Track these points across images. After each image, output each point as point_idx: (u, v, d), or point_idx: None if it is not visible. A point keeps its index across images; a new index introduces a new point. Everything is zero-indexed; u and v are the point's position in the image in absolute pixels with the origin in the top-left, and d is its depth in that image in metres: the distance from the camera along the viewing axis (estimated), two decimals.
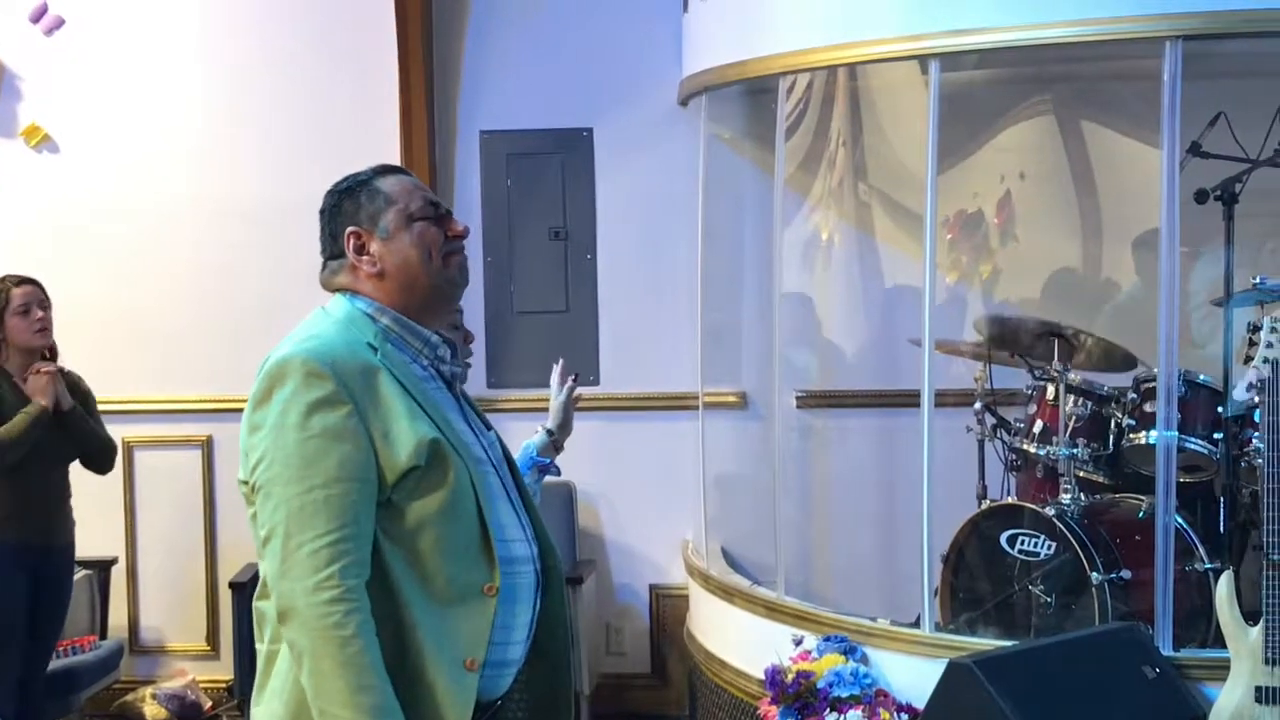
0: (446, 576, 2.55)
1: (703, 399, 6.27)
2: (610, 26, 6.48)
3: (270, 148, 6.45)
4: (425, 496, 2.54)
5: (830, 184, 6.41)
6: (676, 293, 6.38)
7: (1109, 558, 4.95)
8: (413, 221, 2.65)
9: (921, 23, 4.94)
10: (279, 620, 2.51)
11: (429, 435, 2.53)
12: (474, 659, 2.56)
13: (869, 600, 5.68)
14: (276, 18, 6.52)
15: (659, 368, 6.50)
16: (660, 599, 6.62)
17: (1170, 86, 4.60)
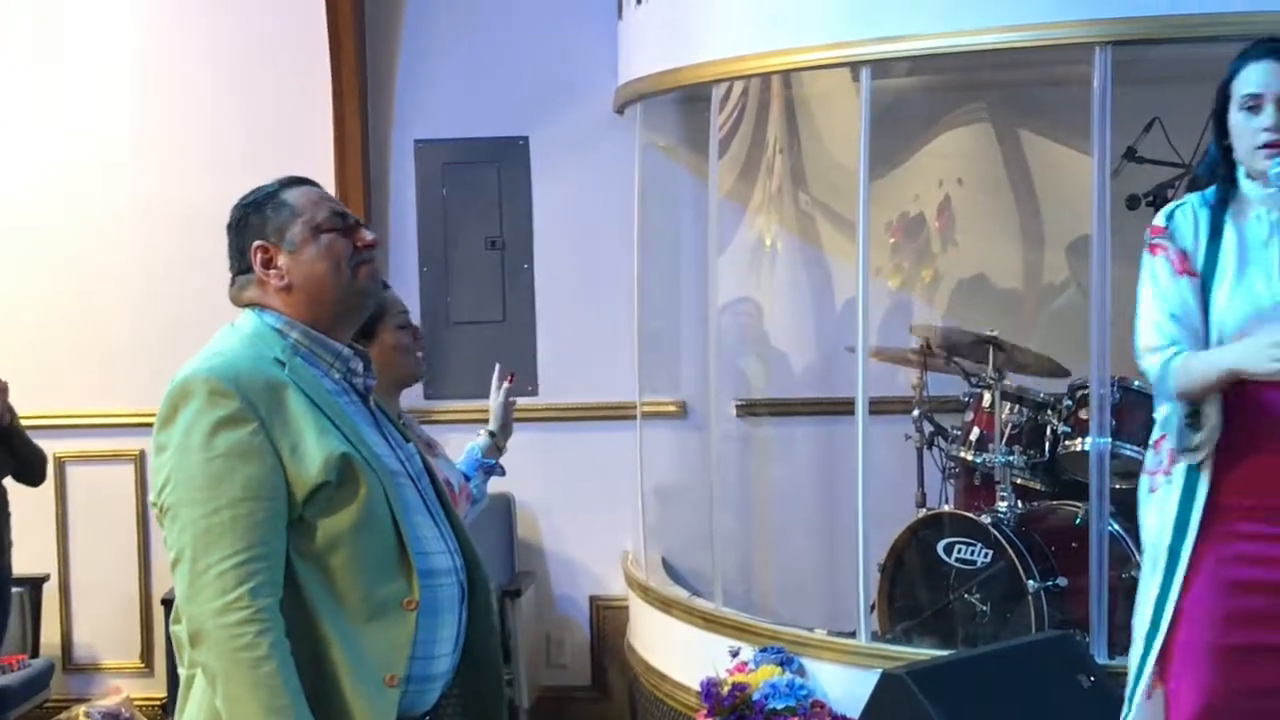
0: (362, 592, 2.53)
1: (641, 409, 6.26)
2: (545, 34, 6.47)
3: (204, 159, 6.40)
4: (337, 512, 2.52)
5: (769, 191, 6.41)
6: (615, 301, 6.37)
7: (1045, 565, 4.97)
8: (320, 233, 2.63)
9: (852, 30, 4.94)
10: (190, 644, 2.50)
11: (339, 450, 2.51)
12: (394, 675, 2.54)
13: (809, 610, 5.68)
14: (208, 27, 6.49)
15: (598, 377, 6.49)
16: (601, 610, 6.60)
17: (1100, 92, 4.62)
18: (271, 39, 6.46)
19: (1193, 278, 3.38)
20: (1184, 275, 3.38)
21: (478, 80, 6.49)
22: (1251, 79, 3.30)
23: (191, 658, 2.52)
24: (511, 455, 5.99)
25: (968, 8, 4.72)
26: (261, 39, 6.47)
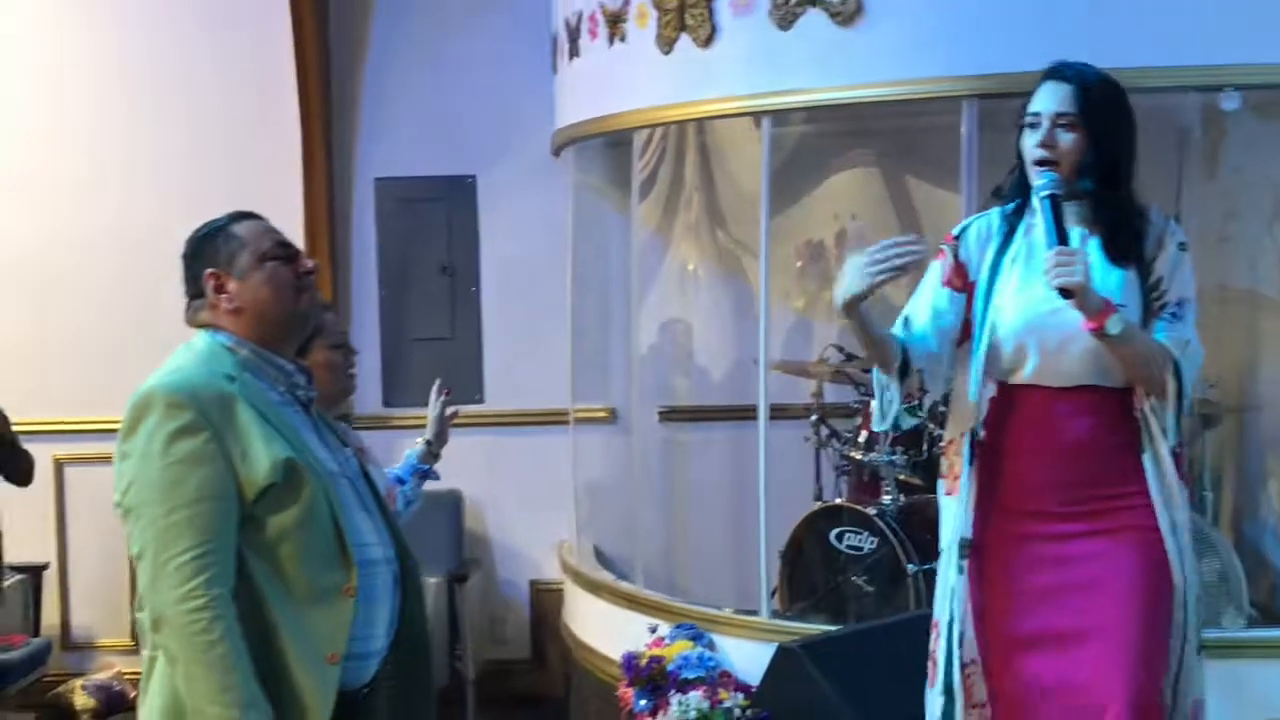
0: (307, 581, 2.55)
1: (574, 415, 6.26)
2: (492, 84, 6.49)
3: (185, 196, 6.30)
4: (283, 510, 2.53)
5: (688, 223, 6.42)
6: (552, 320, 6.36)
7: (923, 551, 4.98)
8: (265, 261, 2.65)
9: (755, 83, 4.97)
10: (152, 629, 2.53)
11: (284, 455, 2.52)
12: (335, 653, 2.55)
13: (720, 591, 5.69)
14: (185, 75, 6.44)
15: (537, 387, 6.49)
16: (539, 593, 6.60)
17: (968, 140, 4.66)
18: (245, 84, 6.43)
19: (957, 292, 3.18)
20: (947, 287, 3.19)
21: (431, 125, 6.50)
22: (1035, 99, 3.10)
23: (154, 641, 2.56)
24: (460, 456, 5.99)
25: (853, 65, 4.75)
26: (236, 85, 6.43)
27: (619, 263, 6.14)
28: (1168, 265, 3.05)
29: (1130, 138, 3.10)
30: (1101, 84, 3.08)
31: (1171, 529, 3.03)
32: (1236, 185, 5.36)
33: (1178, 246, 3.07)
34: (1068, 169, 3.03)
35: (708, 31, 5.01)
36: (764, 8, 4.86)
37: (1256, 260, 5.29)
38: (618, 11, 5.40)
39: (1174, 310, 3.03)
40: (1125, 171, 3.09)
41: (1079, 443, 3.07)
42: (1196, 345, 3.05)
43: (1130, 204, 3.09)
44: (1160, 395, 3.00)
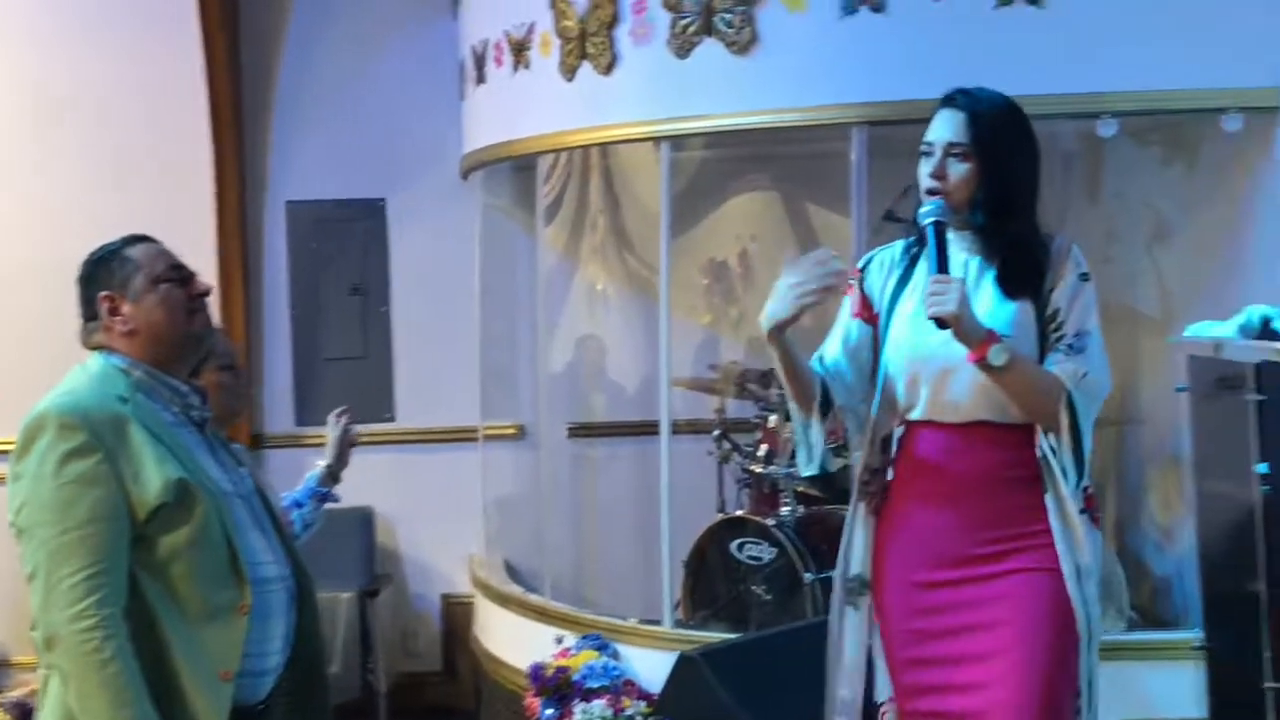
0: (200, 599, 2.53)
1: (483, 432, 6.26)
2: (401, 109, 6.49)
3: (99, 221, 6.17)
4: (175, 530, 2.52)
5: (594, 244, 6.44)
6: (462, 339, 6.37)
7: (820, 560, 5.03)
8: (158, 284, 2.64)
9: (654, 110, 5.01)
10: (45, 648, 2.50)
11: (176, 475, 2.51)
12: (228, 671, 2.54)
13: (628, 603, 5.70)
14: (97, 101, 6.36)
15: (447, 405, 6.49)
16: (451, 606, 6.58)
17: (857, 166, 4.73)
18: (157, 110, 6.36)
19: (865, 323, 3.02)
20: (857, 318, 3.04)
21: (342, 149, 6.49)
22: (929, 129, 2.94)
23: (47, 660, 2.51)
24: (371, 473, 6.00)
25: (748, 92, 4.80)
26: (147, 111, 6.36)
27: (527, 283, 6.16)
28: (1066, 296, 2.85)
29: (1028, 167, 2.92)
30: (996, 112, 2.89)
31: (1075, 574, 2.83)
32: (1117, 209, 5.47)
33: (1078, 277, 2.88)
34: (959, 199, 2.86)
35: (608, 60, 5.04)
36: (662, 37, 4.90)
37: (1136, 280, 5.39)
38: (522, 40, 5.42)
39: (1071, 342, 2.83)
40: (1023, 201, 2.89)
41: (976, 482, 2.89)
42: (1098, 378, 2.84)
43: (1028, 234, 2.90)
44: (1055, 430, 2.81)
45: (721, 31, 4.79)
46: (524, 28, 5.42)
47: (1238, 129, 4.55)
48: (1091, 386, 2.82)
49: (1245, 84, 4.51)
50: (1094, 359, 2.83)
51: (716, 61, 4.83)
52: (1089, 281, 2.90)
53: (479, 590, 6.12)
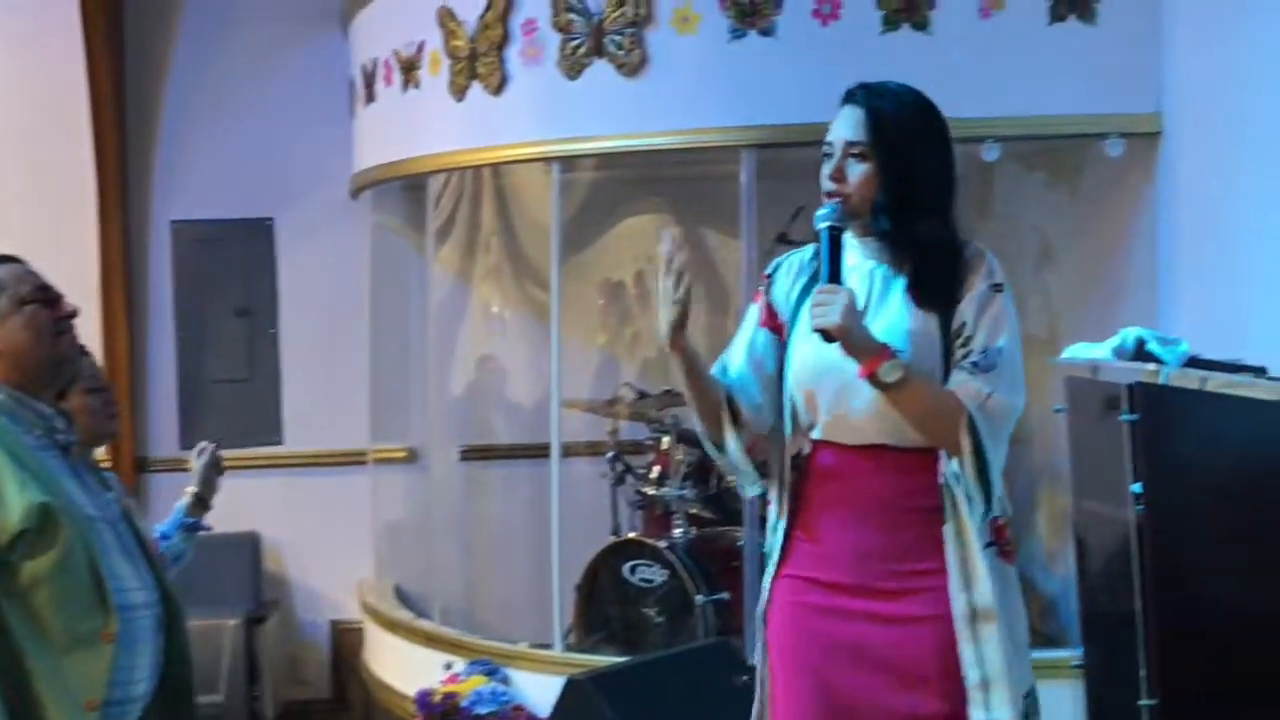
0: (63, 627, 2.48)
1: (373, 455, 6.21)
2: (289, 127, 6.42)
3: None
4: (38, 556, 2.47)
5: (488, 265, 6.42)
6: (352, 361, 6.31)
7: (712, 582, 5.04)
8: (24, 305, 2.59)
9: (544, 130, 5.02)
10: None
11: (38, 500, 2.45)
12: (94, 699, 2.49)
13: (521, 627, 5.67)
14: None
15: (337, 428, 6.42)
16: (340, 632, 6.50)
17: (747, 189, 4.76)
18: (40, 127, 6.26)
19: (771, 332, 2.77)
20: (764, 328, 2.78)
21: (228, 168, 6.41)
22: (830, 129, 2.71)
23: None
24: (259, 497, 5.92)
25: (639, 114, 4.82)
26: (30, 129, 6.26)
27: (418, 304, 6.11)
28: (974, 308, 2.59)
29: (936, 166, 2.67)
30: (899, 108, 2.66)
31: (969, 617, 2.57)
32: (1006, 231, 5.55)
33: (989, 287, 2.61)
34: (859, 202, 2.61)
35: (498, 80, 5.04)
36: (552, 58, 4.91)
37: (1024, 302, 5.47)
38: (411, 59, 5.40)
39: (977, 359, 2.56)
40: (931, 203, 2.63)
41: (873, 509, 2.65)
42: (1006, 399, 2.56)
43: (938, 239, 2.63)
44: (957, 454, 2.56)
45: (611, 53, 4.80)
46: (413, 47, 5.39)
47: (1120, 154, 4.66)
48: (997, 408, 2.55)
49: (1127, 110, 4.61)
50: (1003, 378, 2.56)
51: (607, 83, 4.84)
52: (1002, 293, 2.63)
53: (368, 616, 6.05)
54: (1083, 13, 4.61)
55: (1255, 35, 4.07)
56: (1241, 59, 4.16)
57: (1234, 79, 4.21)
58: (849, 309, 2.52)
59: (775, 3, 4.66)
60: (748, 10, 4.67)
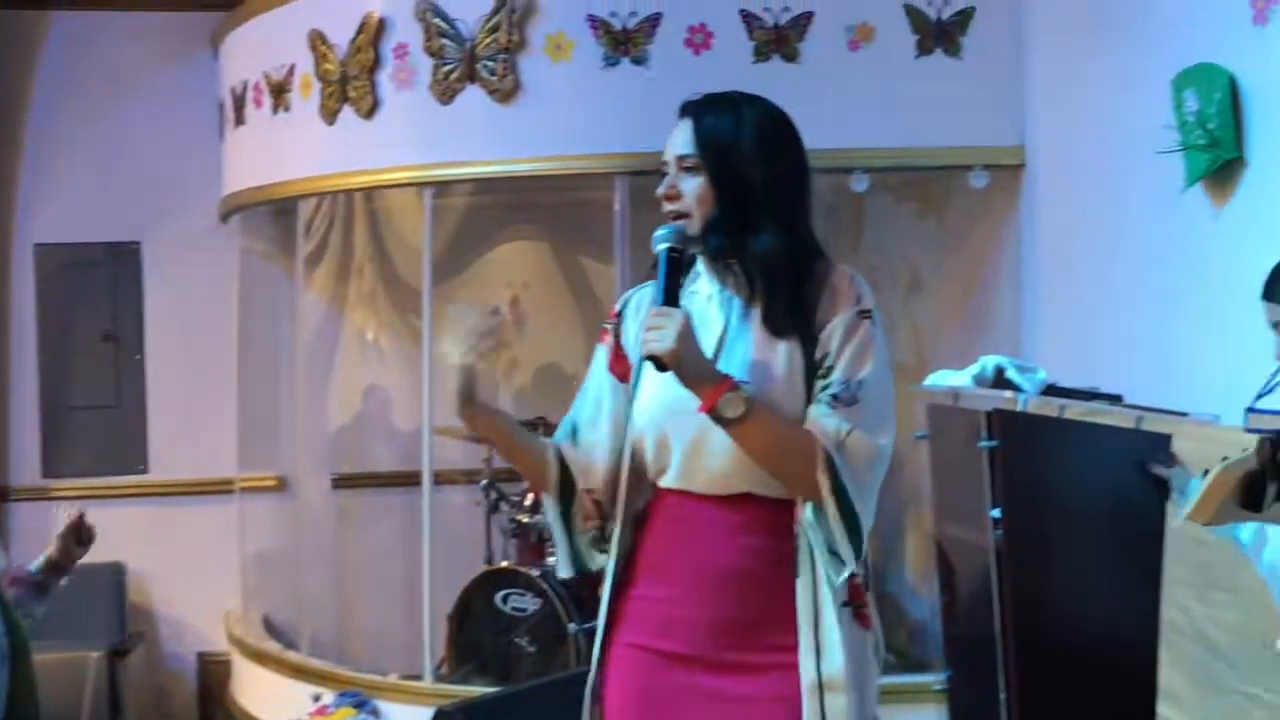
0: None
1: (241, 484, 6.12)
2: (157, 150, 6.34)
3: None
4: None
5: (360, 290, 6.36)
6: (222, 387, 6.21)
7: (584, 610, 5.03)
8: None
9: (417, 155, 5.00)
10: None
11: None
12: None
13: (391, 657, 5.61)
14: None
15: (204, 456, 6.32)
16: (207, 664, 6.39)
17: (620, 216, 4.78)
18: None
19: (620, 380, 2.47)
20: (613, 373, 2.49)
21: (94, 190, 6.31)
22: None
23: None
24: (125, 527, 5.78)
25: (512, 140, 4.83)
26: None
27: (288, 329, 6.04)
28: (837, 336, 2.29)
29: (779, 176, 2.35)
30: (730, 116, 2.38)
31: (814, 689, 2.27)
32: (876, 260, 5.64)
33: (856, 313, 2.31)
34: (698, 220, 2.34)
35: (370, 104, 5.01)
36: (424, 83, 4.90)
37: (894, 330, 5.57)
38: (281, 82, 5.35)
39: (837, 392, 2.26)
40: (772, 218, 2.32)
41: (729, 569, 2.33)
42: (870, 437, 2.25)
43: (782, 258, 2.32)
44: (815, 498, 2.25)
45: (485, 79, 4.80)
46: (283, 70, 5.35)
47: (984, 186, 4.76)
48: (859, 448, 2.24)
49: (991, 143, 4.72)
50: (867, 413, 2.26)
51: (480, 108, 4.84)
52: (870, 319, 2.32)
53: (235, 647, 5.95)
54: (949, 47, 4.71)
55: (1109, 70, 4.20)
56: (1096, 93, 4.29)
57: (1090, 113, 4.34)
58: (683, 333, 2.23)
59: (648, 32, 4.70)
60: (620, 39, 4.71)
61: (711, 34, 4.68)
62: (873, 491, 2.28)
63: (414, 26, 4.91)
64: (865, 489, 2.26)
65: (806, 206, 2.40)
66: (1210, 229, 3.70)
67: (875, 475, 2.28)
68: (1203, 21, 3.71)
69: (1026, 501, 3.00)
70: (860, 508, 2.25)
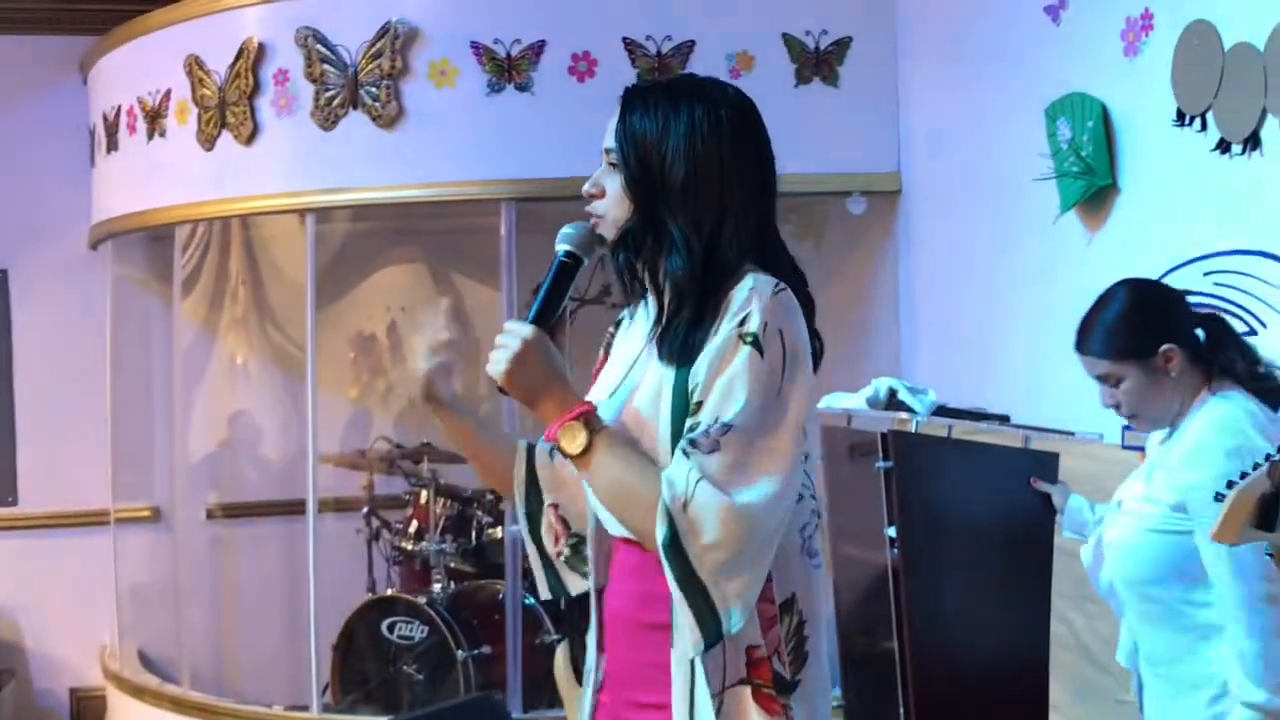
0: None
1: (115, 515, 5.98)
2: (25, 175, 6.16)
3: None
4: None
5: (235, 318, 6.26)
6: (94, 418, 6.05)
7: (473, 636, 5.00)
8: None
9: (298, 181, 4.96)
10: None
11: None
12: None
13: (274, 688, 5.52)
14: None
15: (76, 487, 6.15)
16: (80, 700, 6.23)
17: (507, 240, 4.78)
18: None
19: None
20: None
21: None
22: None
23: None
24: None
25: (395, 166, 4.81)
26: None
27: (163, 357, 5.93)
28: (705, 365, 1.89)
29: (702, 180, 1.96)
30: (659, 99, 2.01)
31: None
32: None
33: (736, 336, 1.88)
34: (609, 224, 2.02)
35: (250, 130, 4.95)
36: (306, 108, 4.86)
37: None
38: (156, 107, 5.26)
39: (696, 436, 1.86)
40: (693, 229, 1.95)
41: (616, 620, 2.06)
42: (723, 492, 1.83)
43: (700, 273, 1.95)
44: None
45: (367, 105, 4.78)
46: (159, 95, 5.25)
47: (862, 211, 4.85)
48: (709, 505, 1.83)
49: (868, 169, 4.82)
50: (730, 462, 1.85)
51: (363, 134, 4.82)
52: (753, 346, 1.88)
53: (111, 682, 5.80)
54: (826, 76, 4.80)
55: (984, 99, 4.32)
56: (972, 121, 4.41)
57: (966, 140, 4.46)
58: (518, 356, 1.94)
59: (531, 59, 4.72)
60: (504, 66, 4.71)
61: (595, 61, 4.71)
62: (743, 558, 1.84)
63: (295, 52, 4.87)
64: (724, 553, 1.83)
65: (743, 212, 1.98)
66: (1084, 253, 3.82)
67: (740, 537, 1.83)
68: (1075, 53, 3.84)
69: (922, 520, 3.06)
70: (710, 576, 1.83)
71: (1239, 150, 3.21)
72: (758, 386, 1.88)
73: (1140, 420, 2.61)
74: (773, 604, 1.92)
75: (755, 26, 4.78)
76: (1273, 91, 3.07)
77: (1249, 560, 2.37)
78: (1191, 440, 2.49)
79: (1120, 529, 2.60)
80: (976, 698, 2.99)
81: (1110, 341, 2.57)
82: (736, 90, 2.09)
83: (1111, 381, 2.57)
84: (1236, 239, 3.24)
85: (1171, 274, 3.40)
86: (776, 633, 1.91)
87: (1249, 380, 2.56)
